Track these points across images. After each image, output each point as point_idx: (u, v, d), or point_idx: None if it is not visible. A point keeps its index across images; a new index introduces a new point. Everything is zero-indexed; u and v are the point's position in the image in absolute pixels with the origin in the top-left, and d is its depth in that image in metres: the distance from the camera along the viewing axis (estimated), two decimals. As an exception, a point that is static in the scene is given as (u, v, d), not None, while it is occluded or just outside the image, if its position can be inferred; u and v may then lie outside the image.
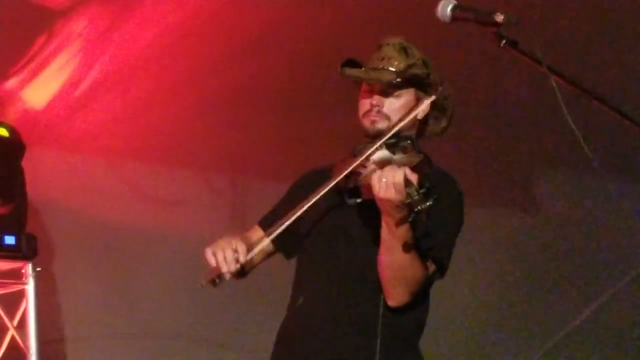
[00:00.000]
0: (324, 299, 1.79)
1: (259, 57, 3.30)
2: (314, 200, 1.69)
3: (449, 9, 1.55)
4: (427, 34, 2.07)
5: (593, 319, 3.31)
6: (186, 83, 3.42)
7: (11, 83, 3.64)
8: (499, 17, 1.52)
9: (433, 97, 1.76)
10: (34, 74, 3.68)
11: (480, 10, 1.54)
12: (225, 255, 1.65)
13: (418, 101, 1.79)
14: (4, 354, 3.15)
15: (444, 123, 1.86)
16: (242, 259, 1.67)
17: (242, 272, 1.80)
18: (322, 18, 3.21)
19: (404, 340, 1.80)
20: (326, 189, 1.69)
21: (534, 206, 3.67)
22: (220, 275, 1.67)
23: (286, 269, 1.91)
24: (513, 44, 1.53)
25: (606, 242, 3.55)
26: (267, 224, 1.84)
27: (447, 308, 2.98)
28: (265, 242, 1.76)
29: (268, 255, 1.86)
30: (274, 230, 1.72)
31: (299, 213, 1.69)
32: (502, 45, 1.53)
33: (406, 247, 1.61)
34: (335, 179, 1.69)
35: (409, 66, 1.79)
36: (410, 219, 1.55)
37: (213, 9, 3.47)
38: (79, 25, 3.62)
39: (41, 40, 3.59)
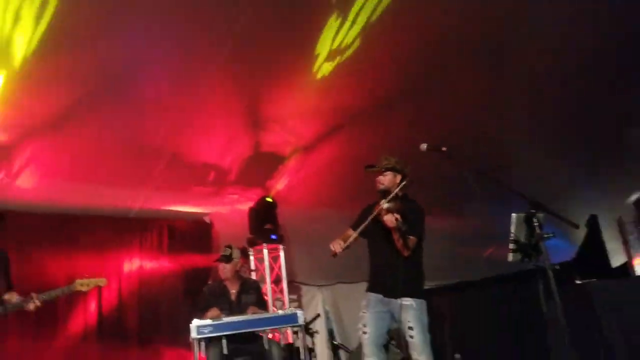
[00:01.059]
0: (384, 261, 4.04)
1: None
2: (368, 220, 3.94)
3: (425, 147, 3.72)
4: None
5: None
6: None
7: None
8: (444, 148, 4.19)
9: (401, 178, 4.09)
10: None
11: (436, 147, 3.76)
12: (334, 244, 3.87)
13: (395, 176, 4.11)
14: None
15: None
16: (344, 245, 3.85)
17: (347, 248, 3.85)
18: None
19: (412, 271, 4.00)
20: (372, 216, 3.92)
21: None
22: (335, 254, 3.81)
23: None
24: (449, 156, 4.27)
25: None
26: (353, 227, 4.03)
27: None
28: (355, 234, 3.92)
29: (356, 239, 3.93)
30: (358, 230, 3.94)
31: (364, 225, 3.95)
32: (447, 157, 4.24)
33: (402, 237, 3.88)
34: (374, 214, 3.91)
35: (388, 164, 4.09)
36: (403, 231, 3.84)
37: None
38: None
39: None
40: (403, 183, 4.06)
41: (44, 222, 6.16)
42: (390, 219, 3.79)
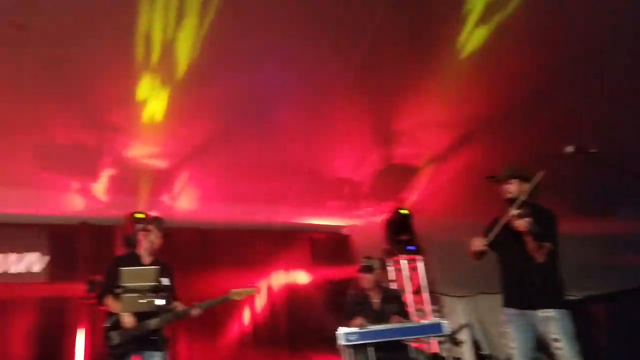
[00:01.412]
0: (517, 272, 3.94)
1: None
2: (497, 229, 3.92)
3: (572, 149, 3.57)
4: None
5: None
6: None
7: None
8: (593, 150, 3.87)
9: (528, 184, 3.92)
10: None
11: (584, 148, 3.66)
12: (475, 242, 3.97)
13: (521, 184, 3.95)
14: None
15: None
16: (483, 245, 3.96)
17: (482, 255, 3.97)
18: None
19: (550, 279, 3.86)
20: (500, 226, 3.91)
21: None
22: (475, 253, 3.92)
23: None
24: (599, 157, 3.95)
25: None
26: (484, 236, 3.99)
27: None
28: (485, 245, 3.94)
29: (486, 251, 3.98)
30: (488, 239, 3.94)
31: (494, 232, 3.93)
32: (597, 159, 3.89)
33: (536, 240, 3.79)
34: (503, 222, 3.89)
35: (512, 172, 3.99)
36: (536, 233, 3.77)
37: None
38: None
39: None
40: (531, 189, 3.91)
41: (197, 238, 6.67)
42: (521, 223, 3.72)
